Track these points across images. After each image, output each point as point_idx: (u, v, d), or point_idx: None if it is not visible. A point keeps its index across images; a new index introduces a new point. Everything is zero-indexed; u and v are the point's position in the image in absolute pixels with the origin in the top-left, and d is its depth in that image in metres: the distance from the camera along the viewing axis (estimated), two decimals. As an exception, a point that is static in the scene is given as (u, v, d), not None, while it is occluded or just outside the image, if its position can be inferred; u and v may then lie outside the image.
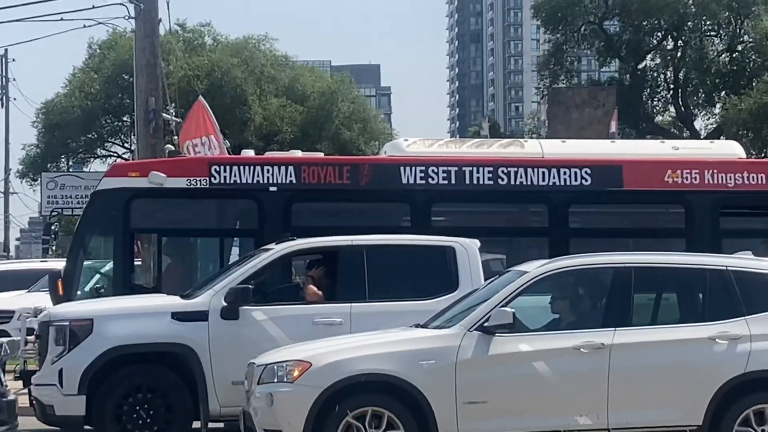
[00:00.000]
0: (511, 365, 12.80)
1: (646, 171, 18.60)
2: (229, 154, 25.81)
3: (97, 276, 19.05)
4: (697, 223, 18.46)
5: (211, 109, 66.20)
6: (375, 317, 14.70)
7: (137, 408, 14.97)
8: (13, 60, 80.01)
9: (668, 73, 67.74)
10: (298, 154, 19.35)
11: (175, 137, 26.64)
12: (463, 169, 18.37)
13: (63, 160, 67.76)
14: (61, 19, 25.19)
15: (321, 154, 20.51)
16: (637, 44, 66.46)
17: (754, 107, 58.87)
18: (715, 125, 66.46)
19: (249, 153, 19.57)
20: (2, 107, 78.58)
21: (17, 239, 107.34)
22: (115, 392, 14.96)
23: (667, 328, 13.18)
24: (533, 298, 13.66)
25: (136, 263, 19.00)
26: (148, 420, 14.97)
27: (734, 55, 66.39)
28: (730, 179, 18.62)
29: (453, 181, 18.32)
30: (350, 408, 12.64)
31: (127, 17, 24.34)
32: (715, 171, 18.62)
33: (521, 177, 18.41)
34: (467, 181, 18.33)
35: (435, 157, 18.60)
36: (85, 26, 25.14)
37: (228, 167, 18.22)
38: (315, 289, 15.51)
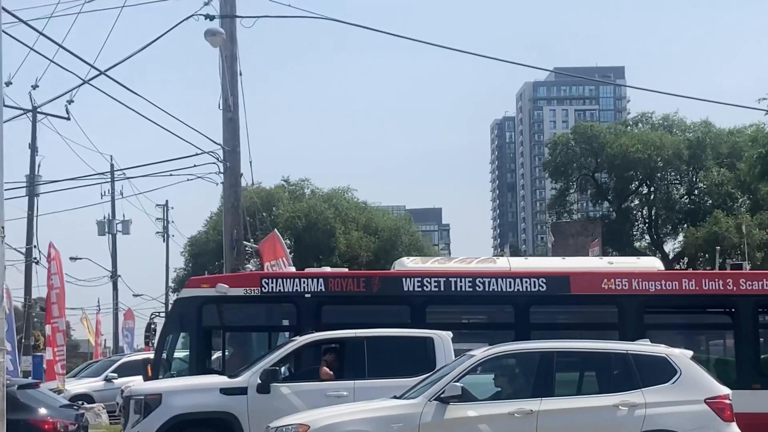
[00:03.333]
0: (462, 427, 12.20)
1: (587, 280, 18.08)
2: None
3: (179, 362, 18.61)
4: (626, 319, 17.82)
5: (307, 241, 66.21)
6: (372, 391, 14.14)
7: None
8: (172, 208, 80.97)
9: (644, 210, 67.12)
10: (327, 269, 19.02)
11: (254, 260, 26.32)
12: (450, 279, 17.97)
13: (203, 280, 67.99)
14: (170, 175, 25.12)
15: (346, 269, 20.07)
16: (620, 190, 66.04)
17: (707, 236, 58.18)
18: (679, 249, 65.57)
19: (291, 269, 19.24)
20: (164, 242, 79.36)
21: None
22: None
23: (582, 398, 12.52)
24: (486, 376, 13.12)
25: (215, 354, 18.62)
26: None
27: (692, 197, 65.76)
28: (651, 286, 18.02)
29: (442, 288, 17.90)
30: (338, 460, 12.10)
31: (217, 173, 24.22)
32: (640, 279, 18.05)
33: (493, 285, 17.96)
34: (452, 288, 17.89)
35: (429, 271, 18.22)
36: (188, 179, 24.94)
37: (274, 279, 17.90)
38: (327, 370, 15.04)
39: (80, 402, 25.34)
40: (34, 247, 37.43)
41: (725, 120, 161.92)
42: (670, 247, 67.69)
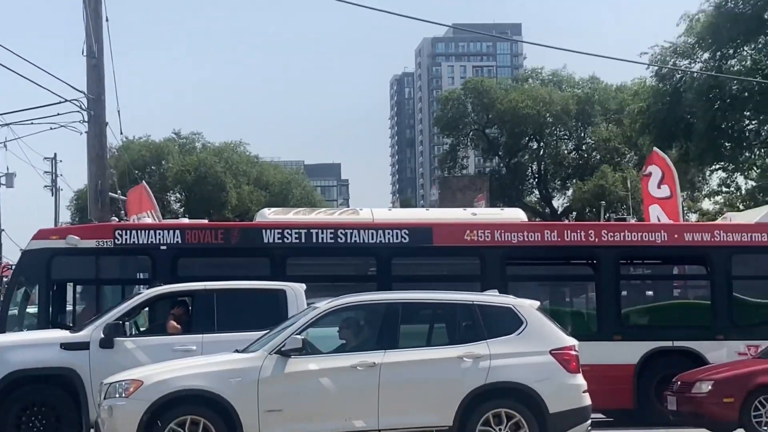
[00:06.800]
0: (302, 381, 11.80)
1: (450, 231, 17.77)
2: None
3: (31, 318, 17.80)
4: (488, 270, 17.58)
5: (197, 195, 65.24)
6: (221, 345, 13.57)
7: (33, 419, 13.89)
8: (61, 161, 79.06)
9: (533, 165, 67.50)
10: (185, 221, 18.39)
11: (122, 212, 25.44)
12: (311, 231, 17.51)
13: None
14: (32, 123, 24.11)
15: (206, 221, 19.40)
16: (510, 145, 66.31)
17: (594, 190, 58.77)
18: (567, 203, 66.17)
19: (147, 220, 18.54)
20: (53, 196, 77.82)
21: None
22: (15, 407, 13.85)
23: (426, 350, 12.20)
24: (333, 329, 12.72)
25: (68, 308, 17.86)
26: (42, 429, 13.89)
27: (580, 152, 66.32)
28: (514, 237, 17.80)
29: (303, 240, 17.43)
30: (173, 417, 11.58)
31: (81, 121, 23.29)
32: (502, 231, 17.80)
33: (355, 236, 17.55)
34: (313, 240, 17.44)
35: (289, 223, 17.73)
36: (51, 128, 23.94)
37: (128, 231, 17.21)
38: (175, 323, 14.46)
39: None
40: None
41: (613, 76, 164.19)
42: (560, 202, 68.38)
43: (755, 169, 50.04)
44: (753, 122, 39.11)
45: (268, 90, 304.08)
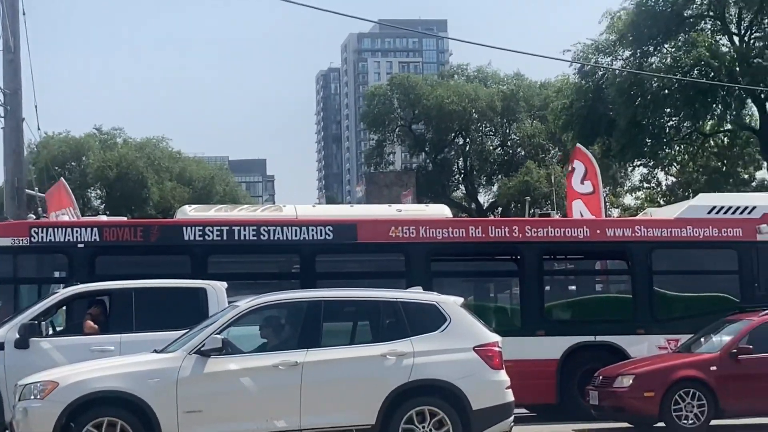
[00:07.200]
0: (222, 381, 11.61)
1: (374, 228, 17.66)
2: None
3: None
4: (413, 267, 17.52)
5: (119, 192, 64.30)
6: (140, 345, 13.31)
7: None
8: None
9: (459, 161, 67.78)
10: (102, 218, 18.06)
11: (40, 209, 24.85)
12: (233, 228, 17.27)
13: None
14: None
15: (125, 218, 19.05)
16: (437, 141, 66.48)
17: (519, 186, 59.21)
18: (493, 199, 66.57)
19: (65, 218, 18.15)
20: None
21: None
22: None
23: (350, 348, 12.09)
24: (254, 328, 12.54)
25: None
26: None
27: (506, 149, 66.78)
28: (438, 233, 17.75)
29: (224, 238, 17.19)
30: (89, 419, 11.33)
31: (-7, 118, 22.65)
32: (427, 227, 17.74)
33: (278, 233, 17.35)
34: (235, 238, 17.21)
35: (210, 219, 17.47)
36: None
37: (44, 229, 16.82)
38: (92, 323, 14.18)
39: None
40: None
41: (538, 73, 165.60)
42: (485, 197, 68.78)
43: (675, 165, 50.91)
44: (673, 119, 39.67)
45: (192, 85, 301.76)
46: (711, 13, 38.80)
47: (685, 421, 15.16)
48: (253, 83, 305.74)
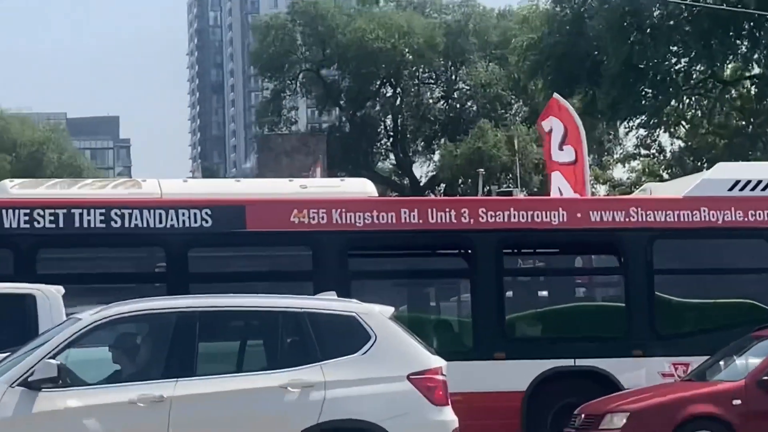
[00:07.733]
0: (58, 424, 11.60)
1: (270, 211, 17.74)
2: None
3: None
4: (325, 265, 17.61)
5: None
6: None
7: None
8: None
9: (387, 120, 68.14)
10: None
11: None
12: (72, 211, 17.22)
13: None
14: None
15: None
16: (356, 92, 66.72)
17: (470, 154, 59.57)
18: (434, 172, 67.00)
19: None
20: None
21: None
22: None
23: (236, 377, 12.14)
24: (102, 349, 12.58)
25: None
26: None
27: (451, 102, 67.23)
28: (359, 218, 17.86)
29: (60, 225, 17.15)
30: None
31: None
32: (344, 210, 17.84)
33: (135, 219, 17.35)
34: (75, 225, 17.17)
35: (41, 200, 17.43)
36: None
37: None
38: None
39: None
40: None
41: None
42: (423, 170, 69.24)
43: (683, 124, 51.59)
44: (681, 61, 40.20)
45: (11, 14, 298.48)
46: None
47: (698, 474, 15.45)
48: (100, 10, 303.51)
